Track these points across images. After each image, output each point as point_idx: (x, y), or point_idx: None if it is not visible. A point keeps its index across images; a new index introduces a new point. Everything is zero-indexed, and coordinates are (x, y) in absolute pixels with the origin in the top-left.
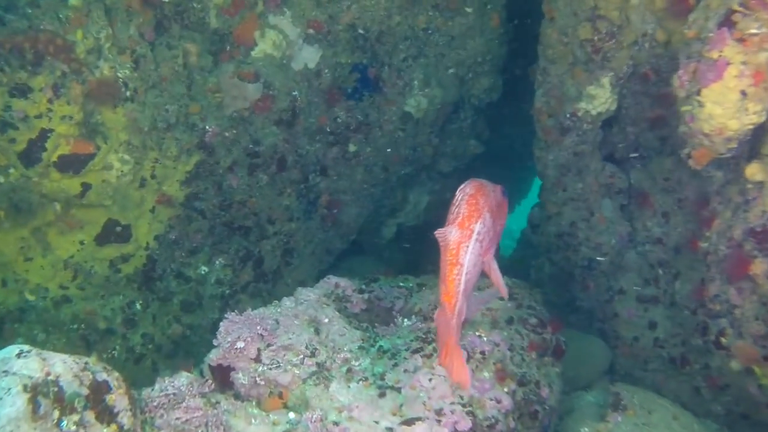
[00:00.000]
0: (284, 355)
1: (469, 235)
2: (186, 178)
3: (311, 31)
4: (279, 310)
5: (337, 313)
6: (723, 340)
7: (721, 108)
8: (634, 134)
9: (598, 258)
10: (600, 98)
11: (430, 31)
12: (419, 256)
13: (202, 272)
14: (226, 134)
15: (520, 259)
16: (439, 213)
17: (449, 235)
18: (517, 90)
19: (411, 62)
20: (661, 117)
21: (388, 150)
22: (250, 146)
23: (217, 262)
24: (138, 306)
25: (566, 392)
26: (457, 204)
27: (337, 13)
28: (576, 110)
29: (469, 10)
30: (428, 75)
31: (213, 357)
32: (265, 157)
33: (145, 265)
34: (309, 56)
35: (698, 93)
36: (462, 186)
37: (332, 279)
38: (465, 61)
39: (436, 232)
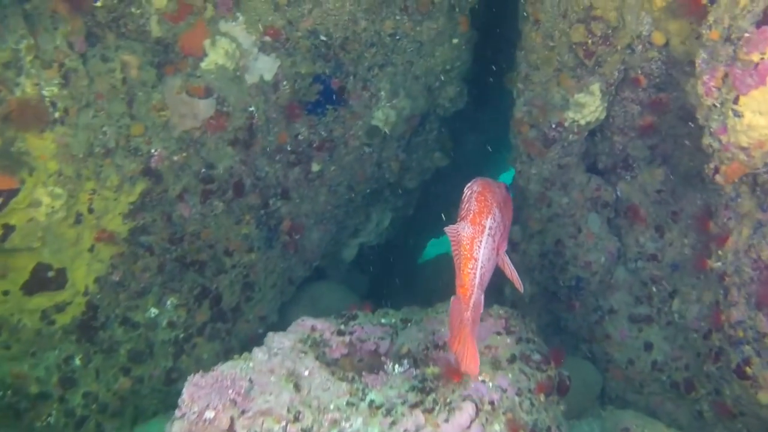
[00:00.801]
0: (263, 423)
1: (481, 231)
2: (129, 210)
3: (267, 38)
4: (251, 365)
5: (317, 362)
6: (748, 369)
7: (765, 118)
8: (622, 144)
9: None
10: (589, 107)
11: (397, 37)
12: (384, 279)
13: (152, 315)
14: (175, 158)
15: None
16: (400, 231)
17: (462, 231)
18: (479, 98)
19: (377, 71)
20: (651, 125)
21: (354, 167)
22: (203, 170)
23: (169, 303)
24: (77, 361)
25: None
26: (466, 201)
27: (296, 18)
28: (562, 120)
29: (439, 14)
30: (396, 85)
31: (176, 431)
32: (220, 182)
33: (84, 313)
34: (265, 67)
35: (735, 101)
36: (469, 184)
37: (307, 321)
38: (434, 69)
39: (446, 228)
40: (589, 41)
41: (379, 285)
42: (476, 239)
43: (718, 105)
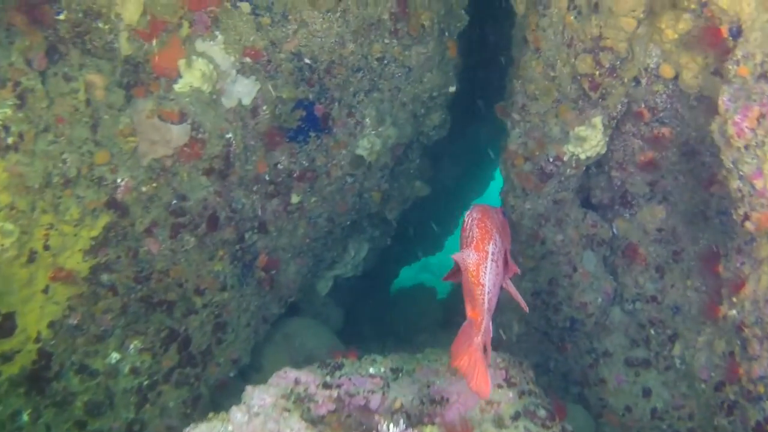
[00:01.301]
0: None
1: (485, 257)
2: (91, 246)
3: (247, 59)
4: (229, 428)
5: (303, 422)
6: None
7: None
8: (620, 179)
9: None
10: (591, 141)
11: (385, 62)
12: (359, 311)
13: (113, 361)
14: (143, 189)
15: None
16: (376, 262)
17: (468, 258)
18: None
19: (363, 97)
20: (652, 161)
21: (335, 198)
22: (174, 202)
23: (132, 347)
24: (25, 417)
25: None
26: (468, 228)
27: (280, 39)
28: (561, 154)
29: (429, 38)
30: (382, 112)
31: None
32: (193, 215)
33: (35, 362)
34: (244, 90)
35: None
36: (469, 211)
37: (290, 373)
38: (421, 95)
39: (453, 256)
40: (597, 72)
41: (354, 317)
42: (481, 265)
43: (752, 147)
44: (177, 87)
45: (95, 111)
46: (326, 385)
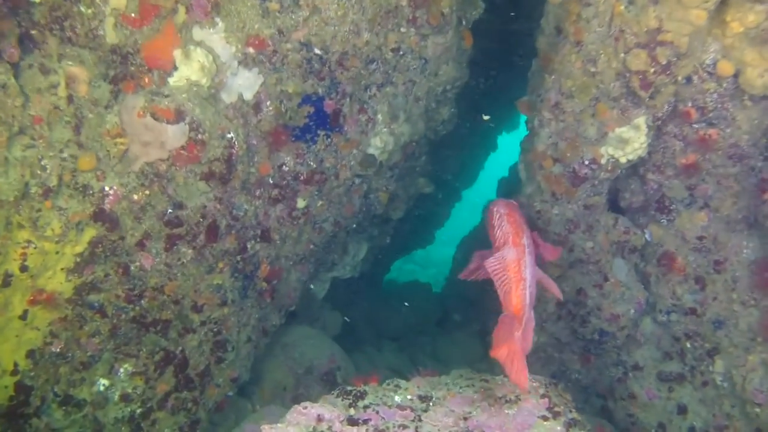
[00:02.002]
0: None
1: (522, 251)
2: (76, 263)
3: (251, 50)
4: None
5: None
6: None
7: None
8: (657, 183)
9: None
10: (633, 143)
11: (401, 53)
12: (355, 314)
13: (101, 389)
14: (135, 197)
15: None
16: (375, 261)
17: (507, 255)
18: None
19: (375, 91)
20: (694, 164)
21: (342, 201)
22: (169, 211)
23: (122, 371)
24: None
25: None
26: (498, 225)
27: (288, 27)
28: (597, 156)
29: (448, 27)
30: (396, 107)
31: None
32: (190, 225)
33: (12, 398)
34: (245, 84)
35: None
36: (492, 207)
37: (311, 409)
38: (434, 89)
39: (488, 262)
40: (651, 69)
41: (349, 317)
42: (521, 260)
43: None
44: (172, 81)
45: (78, 109)
46: (352, 421)
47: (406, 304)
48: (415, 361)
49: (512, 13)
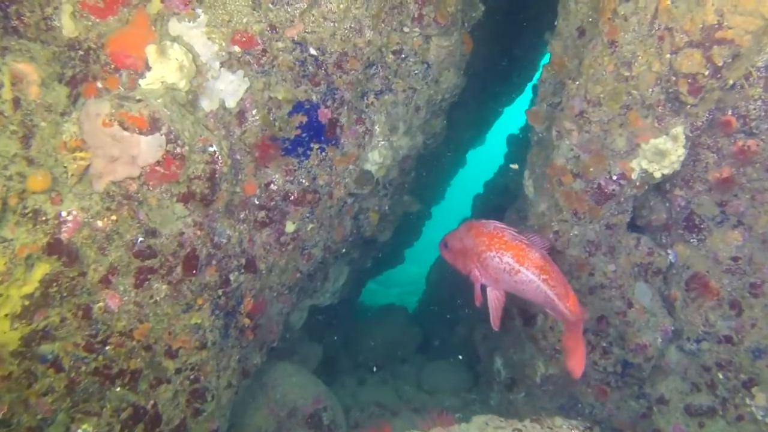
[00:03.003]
0: None
1: (527, 248)
2: (24, 307)
3: (236, 48)
4: None
5: None
6: None
7: None
8: (685, 199)
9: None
10: (671, 156)
11: (403, 56)
12: (331, 341)
13: None
14: (99, 224)
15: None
16: (354, 286)
17: (534, 259)
18: None
19: (374, 99)
20: (729, 178)
21: (333, 224)
22: (140, 240)
23: None
24: None
25: None
26: (495, 245)
27: (282, 22)
28: (627, 171)
29: (454, 28)
30: (395, 118)
31: None
32: (165, 256)
33: None
34: (229, 89)
35: None
36: (478, 230)
37: None
38: (434, 98)
39: (525, 275)
40: (705, 72)
41: (325, 345)
42: (546, 258)
43: None
44: (144, 83)
45: (27, 116)
46: None
47: (377, 339)
48: (401, 394)
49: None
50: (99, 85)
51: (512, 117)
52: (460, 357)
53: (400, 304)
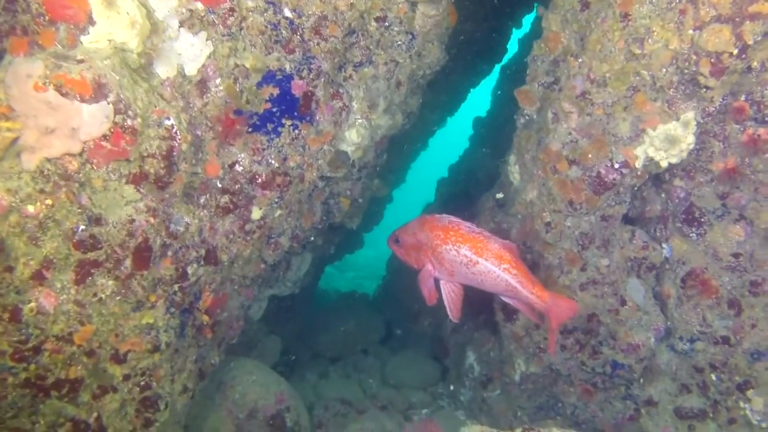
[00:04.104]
0: None
1: (485, 239)
2: None
3: (198, 5)
4: None
5: None
6: None
7: None
8: (685, 190)
9: None
10: (682, 143)
11: (387, 23)
12: (290, 332)
13: None
14: (30, 209)
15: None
16: (316, 275)
17: (492, 248)
18: None
19: (352, 72)
20: (734, 168)
21: (302, 210)
22: (81, 229)
23: None
24: None
25: None
26: (451, 239)
27: None
28: (630, 158)
29: None
30: (374, 93)
31: None
32: (112, 247)
33: None
34: (189, 53)
35: None
36: (432, 224)
37: None
38: (416, 73)
39: (483, 265)
40: (733, 50)
41: (284, 336)
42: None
43: None
44: (88, 40)
45: None
46: None
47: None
48: (365, 389)
49: None
50: (30, 40)
51: (476, 99)
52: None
53: (355, 288)
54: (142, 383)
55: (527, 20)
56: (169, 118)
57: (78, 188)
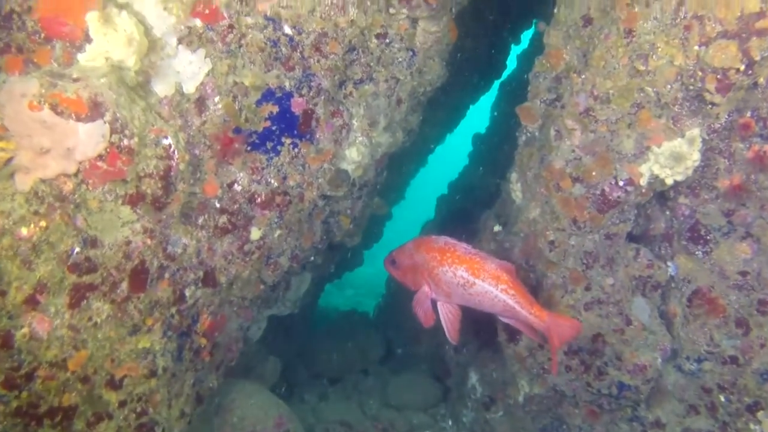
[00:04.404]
0: None
1: (482, 260)
2: None
3: (197, 22)
4: None
5: None
6: None
7: None
8: (690, 208)
9: None
10: (687, 160)
11: (387, 40)
12: (288, 350)
13: None
14: (23, 231)
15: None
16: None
17: (489, 273)
18: None
19: (352, 89)
20: (740, 185)
21: (302, 229)
22: (77, 251)
23: None
24: None
25: None
26: (448, 260)
27: None
28: (635, 175)
29: (444, 12)
30: (375, 111)
31: None
32: (108, 270)
33: None
34: (187, 70)
35: None
36: (429, 245)
37: None
38: (416, 90)
39: (481, 287)
40: (740, 66)
41: (282, 355)
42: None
43: None
44: (84, 58)
45: None
46: None
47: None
48: (366, 410)
49: None
50: (25, 58)
51: (475, 115)
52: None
53: (355, 306)
54: (139, 409)
55: (526, 36)
56: (166, 137)
57: (73, 209)
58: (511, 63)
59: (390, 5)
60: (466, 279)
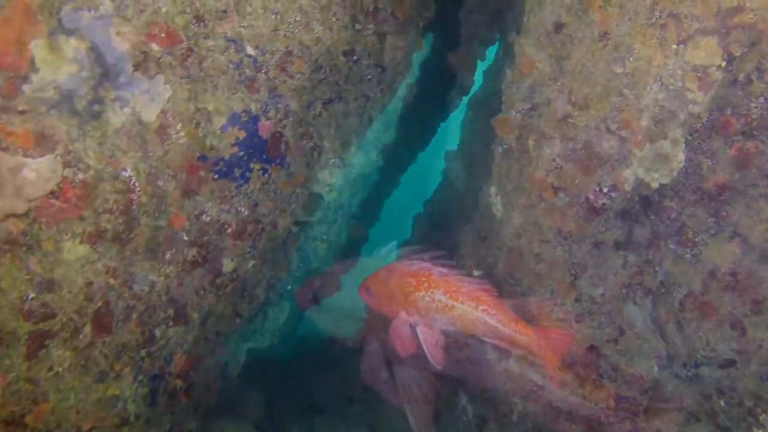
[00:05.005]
0: None
1: (459, 282)
2: None
3: (153, 46)
4: None
5: None
6: None
7: None
8: (677, 210)
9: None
10: (672, 161)
11: (355, 57)
12: (275, 389)
13: None
14: None
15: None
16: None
17: (468, 295)
18: None
19: (321, 110)
20: (724, 185)
21: (276, 258)
22: (30, 297)
23: None
24: None
25: None
26: (423, 285)
27: (211, 14)
28: (620, 181)
29: (411, 25)
30: (346, 131)
31: None
32: (68, 315)
33: None
34: (145, 98)
35: None
36: (402, 271)
37: None
38: (387, 107)
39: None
40: (721, 63)
41: (268, 391)
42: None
43: None
44: (31, 89)
45: None
46: None
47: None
48: None
49: None
50: None
51: (444, 132)
52: None
53: (335, 331)
54: None
55: (491, 52)
56: (126, 170)
57: (25, 252)
58: (478, 80)
59: (356, 21)
60: (444, 303)
